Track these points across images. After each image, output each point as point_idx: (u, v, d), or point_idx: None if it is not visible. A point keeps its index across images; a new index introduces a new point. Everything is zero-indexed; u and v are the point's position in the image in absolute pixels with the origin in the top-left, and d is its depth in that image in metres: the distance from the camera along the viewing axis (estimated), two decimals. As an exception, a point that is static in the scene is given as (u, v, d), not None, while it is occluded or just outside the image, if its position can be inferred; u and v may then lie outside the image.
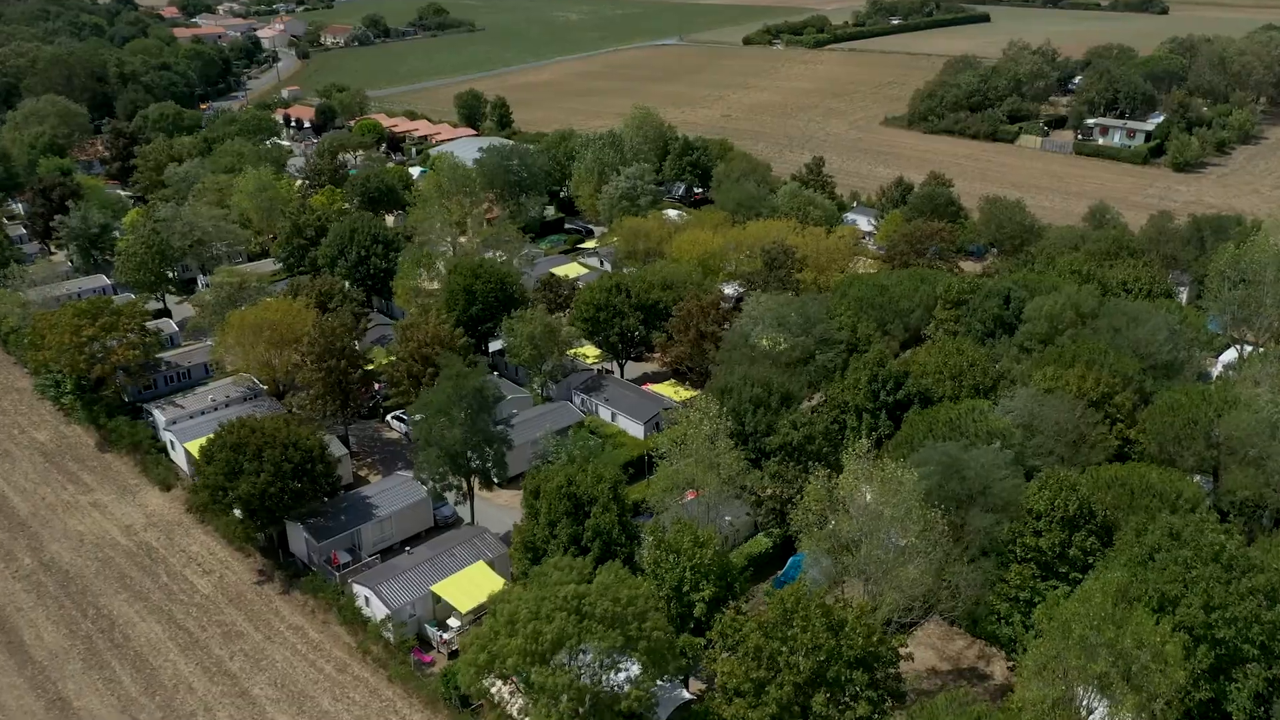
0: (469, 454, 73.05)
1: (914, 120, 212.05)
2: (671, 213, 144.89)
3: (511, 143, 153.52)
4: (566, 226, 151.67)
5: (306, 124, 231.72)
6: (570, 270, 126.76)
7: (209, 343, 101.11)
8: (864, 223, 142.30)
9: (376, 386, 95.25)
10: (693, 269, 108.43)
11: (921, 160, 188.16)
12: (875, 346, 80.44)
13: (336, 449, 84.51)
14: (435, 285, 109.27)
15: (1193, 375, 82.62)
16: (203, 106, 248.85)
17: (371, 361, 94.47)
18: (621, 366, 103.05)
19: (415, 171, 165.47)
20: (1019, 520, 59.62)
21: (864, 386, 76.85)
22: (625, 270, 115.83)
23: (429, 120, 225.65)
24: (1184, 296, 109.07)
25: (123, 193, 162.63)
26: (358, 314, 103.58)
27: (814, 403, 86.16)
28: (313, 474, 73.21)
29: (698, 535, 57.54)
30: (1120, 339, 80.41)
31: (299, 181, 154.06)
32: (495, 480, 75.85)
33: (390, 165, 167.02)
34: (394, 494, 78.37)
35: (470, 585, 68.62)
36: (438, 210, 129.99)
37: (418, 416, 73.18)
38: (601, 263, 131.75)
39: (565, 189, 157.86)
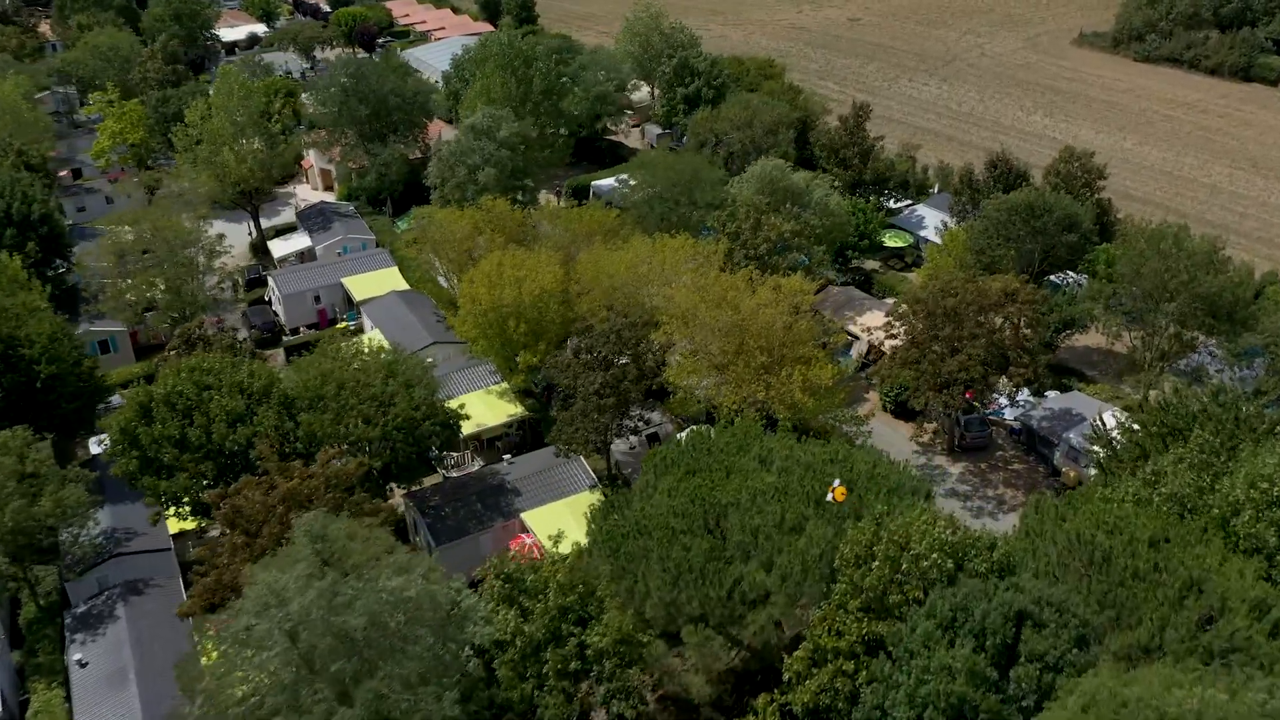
0: None
1: (1121, 40, 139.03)
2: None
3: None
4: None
5: (323, 9, 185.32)
6: (372, 285, 74.16)
7: None
8: (931, 226, 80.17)
9: None
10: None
11: (1111, 107, 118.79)
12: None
13: None
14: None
15: None
16: None
17: None
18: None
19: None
20: None
21: None
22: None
23: (453, 11, 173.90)
24: None
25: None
26: None
27: None
28: None
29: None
30: None
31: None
32: None
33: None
34: None
35: None
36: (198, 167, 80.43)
37: None
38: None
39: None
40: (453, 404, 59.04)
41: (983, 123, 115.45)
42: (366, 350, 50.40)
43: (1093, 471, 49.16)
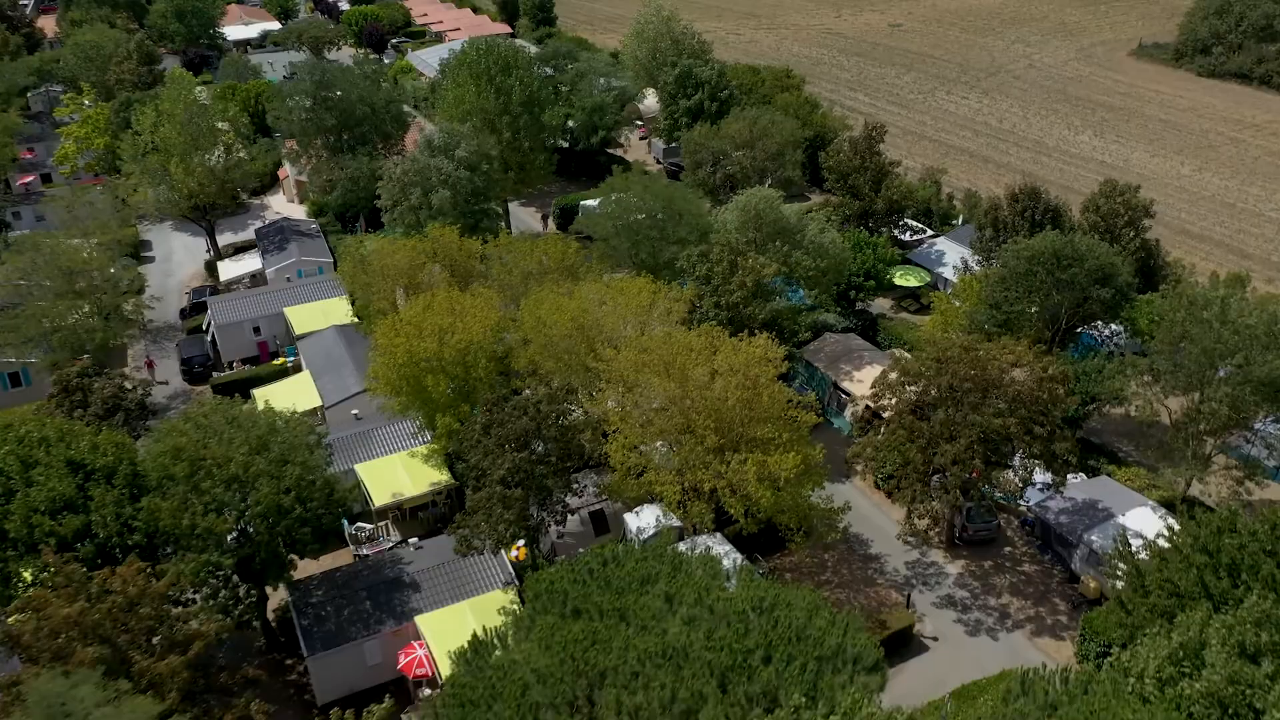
0: None
1: (1184, 53, 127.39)
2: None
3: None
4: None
5: (342, 7, 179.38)
6: (316, 316, 66.76)
7: None
8: (950, 264, 70.54)
9: None
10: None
11: (1168, 126, 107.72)
12: None
13: None
14: None
15: None
16: None
17: None
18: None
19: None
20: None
21: None
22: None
23: (473, 11, 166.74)
24: None
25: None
26: None
27: None
28: None
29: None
30: None
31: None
32: None
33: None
34: None
35: None
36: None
37: None
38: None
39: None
40: (370, 467, 51.68)
41: (1024, 142, 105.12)
42: (244, 413, 42.59)
43: (1115, 584, 39.86)
